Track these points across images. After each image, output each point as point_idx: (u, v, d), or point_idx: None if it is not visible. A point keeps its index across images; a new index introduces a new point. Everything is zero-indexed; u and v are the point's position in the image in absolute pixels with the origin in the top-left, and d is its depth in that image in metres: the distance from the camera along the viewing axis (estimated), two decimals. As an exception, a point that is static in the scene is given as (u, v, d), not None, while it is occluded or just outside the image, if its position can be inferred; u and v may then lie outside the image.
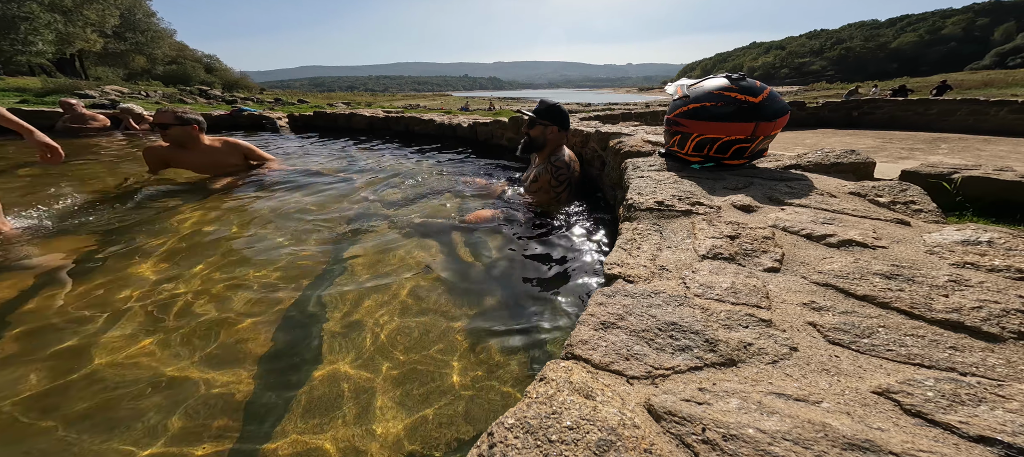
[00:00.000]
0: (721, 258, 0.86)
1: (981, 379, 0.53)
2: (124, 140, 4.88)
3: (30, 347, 1.12)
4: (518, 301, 1.34)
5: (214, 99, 15.85)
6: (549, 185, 2.06)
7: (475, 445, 0.46)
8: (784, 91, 34.00)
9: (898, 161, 4.55)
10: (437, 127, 4.97)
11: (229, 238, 1.84)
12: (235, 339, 1.16)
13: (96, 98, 10.29)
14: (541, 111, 2.19)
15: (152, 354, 1.10)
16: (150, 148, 2.82)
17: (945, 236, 0.90)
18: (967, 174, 1.61)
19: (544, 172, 2.08)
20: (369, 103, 23.71)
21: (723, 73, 1.50)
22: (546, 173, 2.07)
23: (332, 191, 2.62)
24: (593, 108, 10.17)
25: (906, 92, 11.30)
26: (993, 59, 75.42)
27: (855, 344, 0.61)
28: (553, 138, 2.19)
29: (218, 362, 1.07)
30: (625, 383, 0.55)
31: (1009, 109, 6.52)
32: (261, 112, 6.35)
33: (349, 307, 1.30)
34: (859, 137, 6.67)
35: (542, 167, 2.12)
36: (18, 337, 1.16)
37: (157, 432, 0.87)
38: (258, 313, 1.28)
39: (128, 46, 32.35)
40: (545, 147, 2.21)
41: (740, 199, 1.18)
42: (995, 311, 0.64)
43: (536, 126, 2.19)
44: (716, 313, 0.68)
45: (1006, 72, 32.42)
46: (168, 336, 1.17)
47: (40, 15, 20.99)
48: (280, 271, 1.54)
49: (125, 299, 1.34)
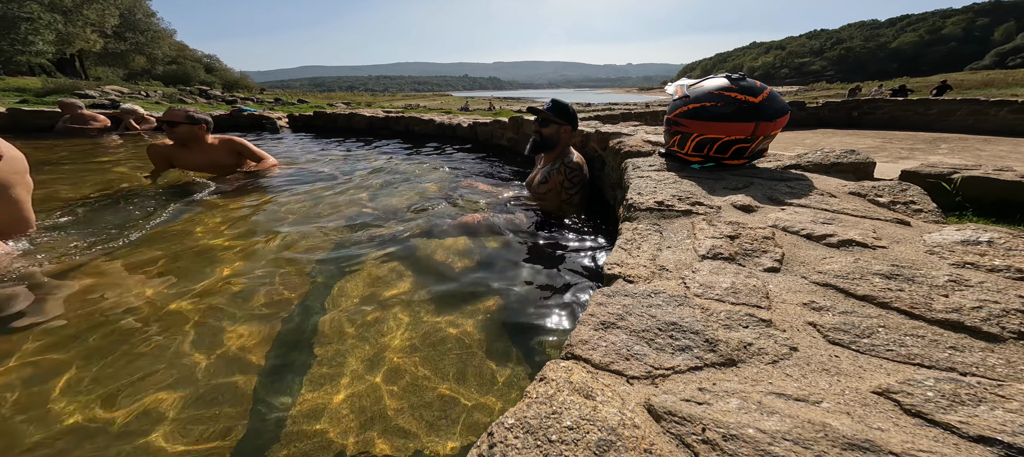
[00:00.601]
0: (721, 258, 0.86)
1: (981, 379, 0.53)
2: (124, 140, 4.89)
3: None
4: (517, 302, 1.34)
5: (214, 99, 15.85)
6: (561, 187, 2.00)
7: (475, 445, 0.46)
8: (784, 91, 34.01)
9: (898, 161, 4.55)
10: (437, 127, 4.97)
11: (221, 246, 1.80)
12: (229, 350, 1.12)
13: (96, 98, 10.29)
14: (557, 109, 2.12)
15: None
16: (154, 145, 2.85)
17: (945, 236, 0.90)
18: (967, 174, 1.61)
19: (555, 174, 2.01)
20: (369, 103, 23.71)
21: (723, 73, 1.50)
22: (559, 174, 1.99)
23: (331, 193, 2.62)
24: (593, 108, 10.17)
25: (906, 92, 11.29)
26: (993, 59, 75.42)
27: (855, 344, 0.61)
28: (566, 138, 2.13)
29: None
30: (625, 383, 0.55)
31: (1009, 109, 6.51)
32: (261, 112, 6.35)
33: (344, 317, 1.28)
34: (859, 137, 6.67)
35: (551, 168, 2.05)
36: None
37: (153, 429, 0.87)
38: (250, 322, 1.26)
39: (128, 46, 32.35)
40: (556, 147, 2.15)
41: (740, 199, 1.18)
42: (995, 311, 0.64)
43: (550, 125, 2.11)
44: (716, 313, 0.68)
45: (1006, 72, 32.43)
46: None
47: (40, 15, 20.99)
48: (274, 278, 1.52)
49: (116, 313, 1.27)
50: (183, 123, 2.72)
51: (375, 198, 2.49)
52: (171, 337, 1.16)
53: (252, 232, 1.93)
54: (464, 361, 1.07)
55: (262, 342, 1.15)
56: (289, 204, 2.35)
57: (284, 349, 1.12)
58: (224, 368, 1.05)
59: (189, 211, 2.21)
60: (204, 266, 1.58)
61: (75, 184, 2.78)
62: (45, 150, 4.01)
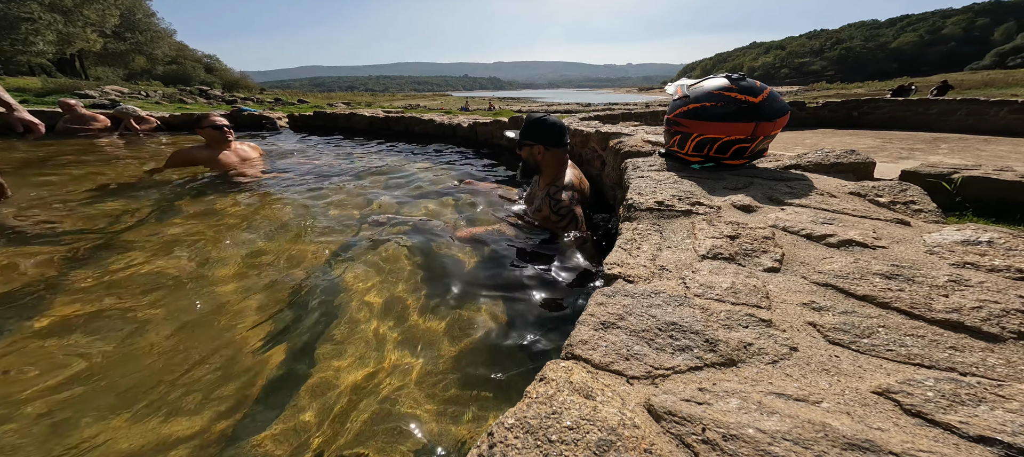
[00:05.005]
0: (721, 258, 0.86)
1: (981, 379, 0.53)
2: (124, 140, 4.88)
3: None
4: (517, 302, 1.34)
5: (214, 99, 15.84)
6: (547, 220, 1.80)
7: (475, 445, 0.46)
8: (784, 91, 34.00)
9: (898, 161, 4.55)
10: (437, 127, 4.97)
11: (211, 252, 1.75)
12: (223, 361, 1.10)
13: (96, 98, 10.28)
14: (523, 129, 1.92)
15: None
16: (186, 150, 3.07)
17: (945, 236, 0.90)
18: (967, 174, 1.62)
19: (544, 205, 1.80)
20: (369, 103, 23.70)
21: (723, 73, 1.50)
22: (545, 207, 1.80)
23: (330, 193, 2.62)
24: (593, 108, 10.16)
25: (907, 92, 11.26)
26: (993, 59, 75.39)
27: (855, 344, 0.61)
28: (545, 160, 1.89)
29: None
30: (625, 383, 0.55)
31: (1009, 109, 6.51)
32: (261, 112, 6.35)
33: (339, 322, 1.26)
34: (859, 137, 6.67)
35: (542, 197, 1.84)
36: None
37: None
38: (244, 331, 1.22)
39: (128, 46, 32.34)
40: (541, 169, 1.95)
41: (740, 199, 1.18)
42: (995, 311, 0.64)
43: (523, 147, 1.93)
44: (716, 313, 0.68)
45: (1006, 72, 32.42)
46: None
47: (41, 15, 20.98)
48: (267, 286, 1.47)
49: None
50: (208, 127, 3.04)
51: (374, 198, 2.49)
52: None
53: (239, 242, 1.85)
54: (461, 361, 1.07)
55: (246, 368, 1.12)
56: (284, 209, 2.35)
57: (274, 366, 1.12)
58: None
59: (179, 219, 2.22)
60: (177, 284, 1.49)
61: (78, 182, 2.79)
62: (45, 149, 4.01)
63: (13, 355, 1.09)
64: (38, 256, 1.65)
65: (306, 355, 1.10)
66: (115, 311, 1.30)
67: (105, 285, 1.44)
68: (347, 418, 0.90)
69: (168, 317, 1.27)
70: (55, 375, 1.02)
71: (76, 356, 1.08)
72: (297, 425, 0.88)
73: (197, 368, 1.05)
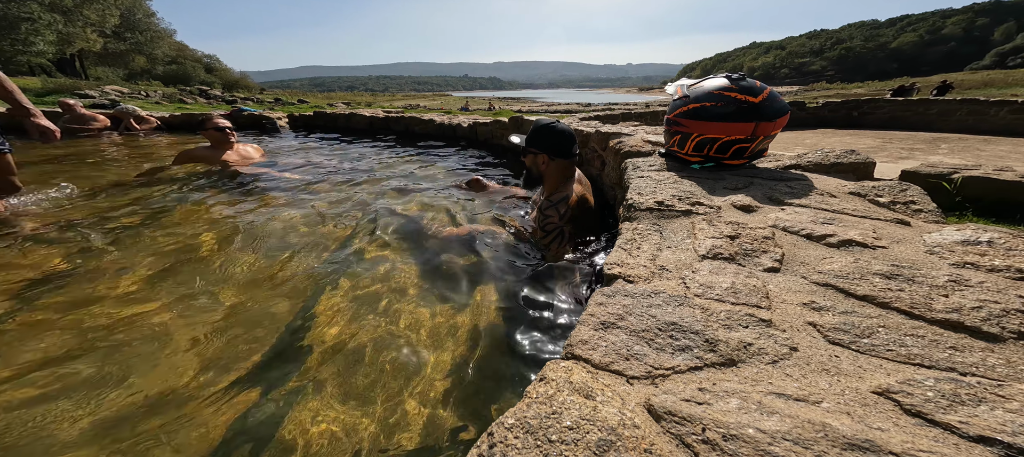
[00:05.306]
0: (721, 258, 0.86)
1: (981, 379, 0.53)
2: (124, 140, 4.89)
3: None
4: (516, 302, 1.34)
5: (214, 99, 15.85)
6: (535, 234, 1.72)
7: (475, 445, 0.46)
8: (784, 91, 34.01)
9: (898, 161, 4.55)
10: (437, 127, 4.97)
11: (208, 252, 1.74)
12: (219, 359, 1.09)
13: (96, 98, 10.27)
14: (529, 136, 1.79)
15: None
16: (191, 150, 3.16)
17: (945, 236, 0.90)
18: (967, 174, 1.61)
19: (540, 216, 1.68)
20: (369, 103, 23.70)
21: (723, 73, 1.50)
22: (535, 221, 1.70)
23: (330, 193, 2.62)
24: (593, 108, 10.17)
25: (907, 92, 11.25)
26: (993, 59, 75.43)
27: (855, 344, 0.61)
28: (549, 170, 1.74)
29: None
30: (625, 383, 0.55)
31: (1009, 109, 6.51)
32: (261, 112, 6.35)
33: (335, 322, 1.25)
34: (859, 137, 6.67)
35: (538, 209, 1.74)
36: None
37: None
38: (242, 333, 1.21)
39: (128, 46, 32.38)
40: (544, 180, 1.79)
41: (740, 199, 1.18)
42: (995, 311, 0.64)
43: (527, 154, 1.82)
44: (716, 313, 0.68)
45: (1006, 72, 32.43)
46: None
47: (41, 15, 21.00)
48: (264, 286, 1.46)
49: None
50: (212, 129, 3.14)
51: (373, 199, 2.49)
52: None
53: (236, 243, 1.84)
54: (458, 362, 1.07)
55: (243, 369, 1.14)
56: (283, 211, 2.35)
57: (275, 358, 1.12)
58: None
59: (176, 216, 2.22)
60: (172, 283, 1.47)
61: (80, 180, 2.79)
62: (45, 149, 4.00)
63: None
64: (39, 254, 1.66)
65: (294, 371, 1.10)
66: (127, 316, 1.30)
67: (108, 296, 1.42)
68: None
69: (184, 325, 1.27)
70: (56, 375, 1.02)
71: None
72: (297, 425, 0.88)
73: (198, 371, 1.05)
